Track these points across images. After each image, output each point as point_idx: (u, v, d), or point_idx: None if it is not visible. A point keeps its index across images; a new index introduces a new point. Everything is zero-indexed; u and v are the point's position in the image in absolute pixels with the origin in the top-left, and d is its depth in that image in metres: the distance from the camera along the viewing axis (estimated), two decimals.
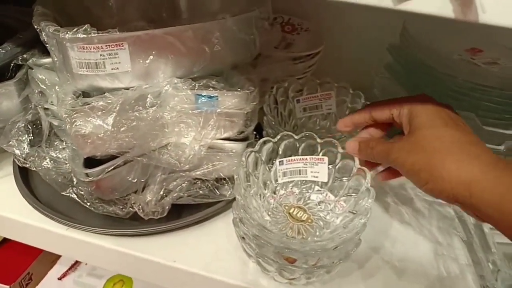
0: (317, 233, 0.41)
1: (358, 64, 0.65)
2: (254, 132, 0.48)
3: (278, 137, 0.43)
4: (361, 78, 0.64)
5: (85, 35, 0.37)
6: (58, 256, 0.69)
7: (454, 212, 0.46)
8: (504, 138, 0.48)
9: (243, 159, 0.41)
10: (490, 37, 0.60)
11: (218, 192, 0.45)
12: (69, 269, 0.68)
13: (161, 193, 0.44)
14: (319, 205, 0.44)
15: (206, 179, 0.45)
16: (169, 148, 0.42)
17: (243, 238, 0.38)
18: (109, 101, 0.36)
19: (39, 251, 0.67)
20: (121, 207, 0.43)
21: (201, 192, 0.45)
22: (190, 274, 0.42)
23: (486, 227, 0.38)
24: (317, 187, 0.45)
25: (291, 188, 0.45)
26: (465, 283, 0.42)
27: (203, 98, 0.41)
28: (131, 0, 0.56)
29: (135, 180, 0.42)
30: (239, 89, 0.42)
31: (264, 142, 0.43)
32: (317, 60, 0.65)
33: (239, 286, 0.41)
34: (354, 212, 0.39)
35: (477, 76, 0.51)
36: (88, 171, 0.40)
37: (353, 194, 0.41)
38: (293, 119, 0.56)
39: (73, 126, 0.36)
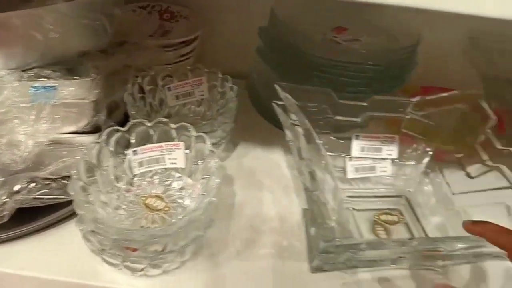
0: (174, 220, 0.41)
1: (239, 49, 0.66)
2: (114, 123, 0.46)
3: (130, 124, 0.42)
4: (243, 63, 0.65)
5: None
6: None
7: None
8: (361, 111, 0.50)
9: (86, 151, 0.39)
10: (357, 15, 0.63)
11: None
12: None
13: (4, 198, 0.41)
14: (181, 191, 0.44)
15: (56, 178, 0.43)
16: (2, 147, 0.39)
17: (85, 235, 0.37)
18: None
19: None
20: None
21: (54, 192, 0.43)
22: (41, 281, 0.39)
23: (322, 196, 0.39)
24: (177, 174, 0.44)
25: (152, 178, 0.45)
26: None
27: (36, 89, 0.39)
28: None
29: None
30: (77, 77, 0.40)
31: (112, 132, 0.41)
32: (196, 47, 0.64)
33: (97, 287, 0.40)
34: (204, 193, 0.39)
35: (339, 53, 0.53)
36: None
37: (207, 176, 0.41)
38: (166, 108, 0.56)
39: None
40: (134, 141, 0.42)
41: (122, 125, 0.45)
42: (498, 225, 0.35)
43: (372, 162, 0.53)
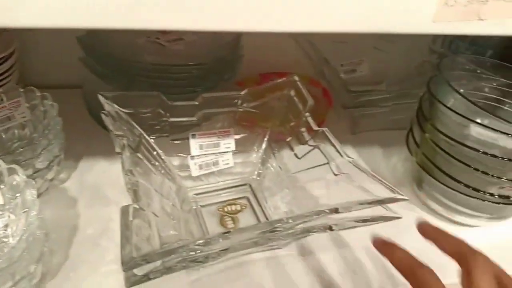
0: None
1: (67, 58, 0.64)
2: None
3: None
4: (76, 72, 0.63)
5: None
6: None
7: None
8: (195, 109, 0.53)
9: None
10: None
11: None
12: None
13: None
14: (6, 229, 0.43)
15: None
16: None
17: None
18: None
19: None
20: None
21: None
22: None
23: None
24: None
25: None
26: None
27: None
28: None
29: None
30: None
31: None
32: (14, 64, 0.61)
33: None
34: (25, 229, 0.39)
35: (162, 55, 0.56)
36: None
37: (26, 210, 0.41)
38: None
39: None
40: None
41: None
42: (405, 252, 0.37)
43: (214, 157, 0.57)
